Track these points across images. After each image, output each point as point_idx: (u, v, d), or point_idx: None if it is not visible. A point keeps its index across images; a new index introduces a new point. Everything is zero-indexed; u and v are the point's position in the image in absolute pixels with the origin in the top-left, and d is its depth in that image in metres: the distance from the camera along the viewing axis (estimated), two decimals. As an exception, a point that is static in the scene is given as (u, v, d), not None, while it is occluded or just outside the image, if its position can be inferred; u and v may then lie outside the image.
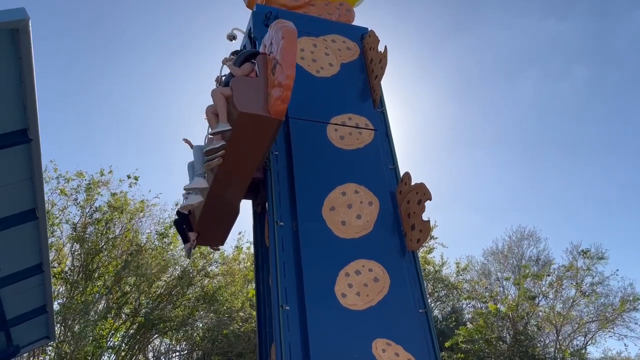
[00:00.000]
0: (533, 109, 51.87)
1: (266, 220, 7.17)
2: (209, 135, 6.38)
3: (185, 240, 7.42)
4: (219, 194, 6.75)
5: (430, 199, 6.53)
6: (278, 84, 5.88)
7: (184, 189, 6.64)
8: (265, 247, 7.45)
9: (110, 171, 19.49)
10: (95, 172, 19.62)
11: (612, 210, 50.84)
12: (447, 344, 19.08)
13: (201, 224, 7.24)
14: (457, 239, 50.12)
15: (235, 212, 7.44)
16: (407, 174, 7.09)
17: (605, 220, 49.78)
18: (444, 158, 52.48)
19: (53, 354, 17.42)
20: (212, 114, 6.29)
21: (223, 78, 7.44)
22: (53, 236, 18.32)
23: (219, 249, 16.49)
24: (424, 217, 6.58)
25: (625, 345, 42.11)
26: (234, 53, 7.29)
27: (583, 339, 22.09)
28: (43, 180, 6.50)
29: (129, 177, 19.48)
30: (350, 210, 6.81)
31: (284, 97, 5.83)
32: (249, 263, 20.88)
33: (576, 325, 21.18)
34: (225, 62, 7.00)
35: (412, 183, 6.91)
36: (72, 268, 18.71)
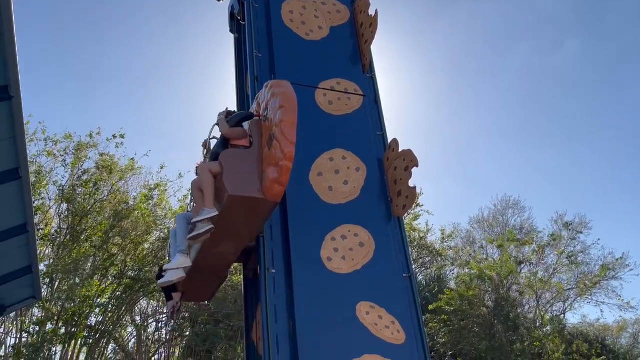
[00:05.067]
0: (524, 81, 51.87)
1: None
2: (192, 221, 5.57)
3: (169, 298, 6.87)
4: (205, 264, 6.08)
5: (417, 166, 6.55)
6: (275, 163, 5.22)
7: (164, 269, 5.85)
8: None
9: (99, 132, 19.30)
10: (85, 134, 19.41)
11: (598, 181, 51.62)
12: (430, 307, 19.50)
13: (186, 286, 6.60)
14: (445, 208, 50.70)
15: (223, 276, 6.86)
16: (394, 141, 7.09)
17: (591, 191, 50.61)
18: (433, 128, 52.53)
19: (41, 314, 17.54)
20: (198, 190, 5.53)
21: (211, 141, 6.60)
22: (40, 198, 18.22)
23: (205, 303, 15.44)
24: (410, 183, 6.62)
25: (601, 311, 43.50)
26: (227, 114, 6.40)
27: (562, 305, 22.72)
28: (25, 139, 6.38)
29: (114, 136, 19.27)
30: (337, 176, 6.82)
31: (282, 180, 5.18)
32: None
33: (556, 292, 21.72)
34: (219, 116, 6.18)
35: (400, 150, 6.92)
36: (59, 230, 18.67)
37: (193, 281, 6.21)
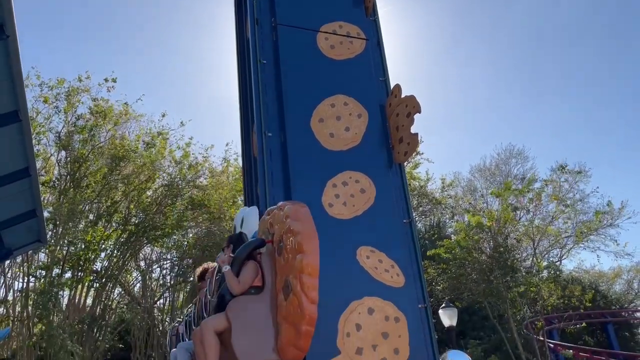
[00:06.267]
0: (529, 29, 50.63)
1: (253, 130, 7.07)
2: None
3: None
4: None
5: (419, 112, 6.48)
6: (292, 322, 4.45)
7: None
8: (254, 159, 7.46)
9: (88, 76, 19.01)
10: (74, 78, 19.11)
11: (602, 132, 51.36)
12: (428, 253, 19.79)
13: None
14: (446, 157, 50.69)
15: None
16: (397, 86, 6.99)
17: (595, 142, 50.48)
18: (437, 75, 51.72)
19: (47, 259, 17.88)
20: (200, 345, 4.83)
21: (217, 277, 5.55)
22: (39, 144, 18.19)
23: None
24: (413, 130, 6.57)
25: (597, 256, 44.21)
26: (232, 240, 5.53)
27: (559, 252, 23.07)
28: (23, 81, 6.26)
29: (106, 80, 19.00)
30: (339, 123, 6.76)
31: (302, 345, 4.41)
32: (237, 176, 21.05)
33: (553, 240, 21.99)
34: (222, 263, 5.17)
35: (402, 96, 6.82)
36: (60, 177, 18.75)
37: None
